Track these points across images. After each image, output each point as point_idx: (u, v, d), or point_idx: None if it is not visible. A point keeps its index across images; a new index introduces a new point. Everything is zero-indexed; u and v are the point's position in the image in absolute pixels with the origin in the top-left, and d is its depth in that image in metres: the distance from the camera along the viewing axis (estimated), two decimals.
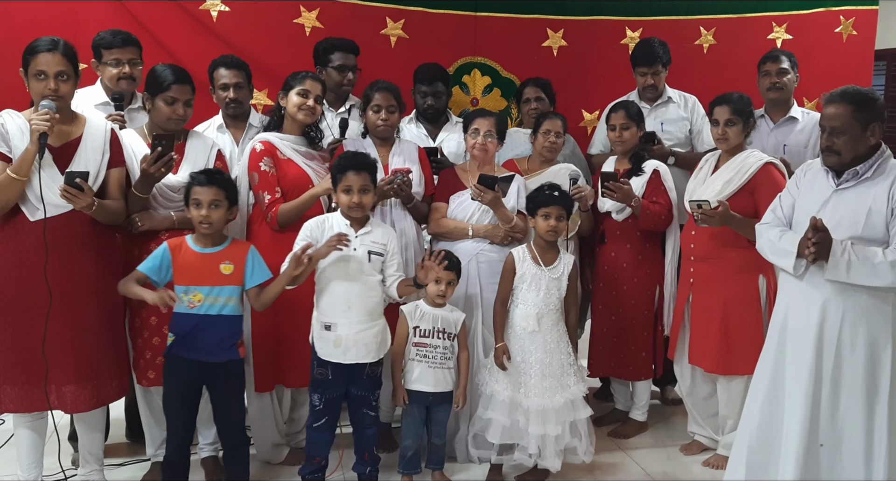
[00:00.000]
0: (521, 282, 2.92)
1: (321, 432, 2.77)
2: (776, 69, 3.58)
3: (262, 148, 2.93)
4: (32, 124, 2.41)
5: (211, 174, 2.60)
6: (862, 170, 2.36)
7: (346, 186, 2.68)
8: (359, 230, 2.73)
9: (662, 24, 4.16)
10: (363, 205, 2.69)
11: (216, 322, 2.56)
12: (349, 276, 2.68)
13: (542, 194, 2.93)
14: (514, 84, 4.08)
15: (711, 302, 3.04)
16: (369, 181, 2.70)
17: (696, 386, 3.24)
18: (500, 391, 2.86)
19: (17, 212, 2.52)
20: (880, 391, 2.31)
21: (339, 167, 2.70)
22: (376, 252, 2.73)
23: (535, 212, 2.92)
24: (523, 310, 2.90)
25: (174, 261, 2.55)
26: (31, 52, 2.48)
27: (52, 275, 2.51)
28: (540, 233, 2.92)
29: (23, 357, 2.54)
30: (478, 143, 3.11)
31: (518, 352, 2.89)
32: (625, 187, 3.15)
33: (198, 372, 2.57)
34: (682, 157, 3.64)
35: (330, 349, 2.69)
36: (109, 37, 2.98)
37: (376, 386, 2.81)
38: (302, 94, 2.95)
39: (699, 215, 2.88)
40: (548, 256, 2.94)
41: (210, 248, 2.59)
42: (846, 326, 2.32)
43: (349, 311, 2.67)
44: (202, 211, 2.53)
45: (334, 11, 3.78)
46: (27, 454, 2.69)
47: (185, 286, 2.55)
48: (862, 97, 2.36)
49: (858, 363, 2.31)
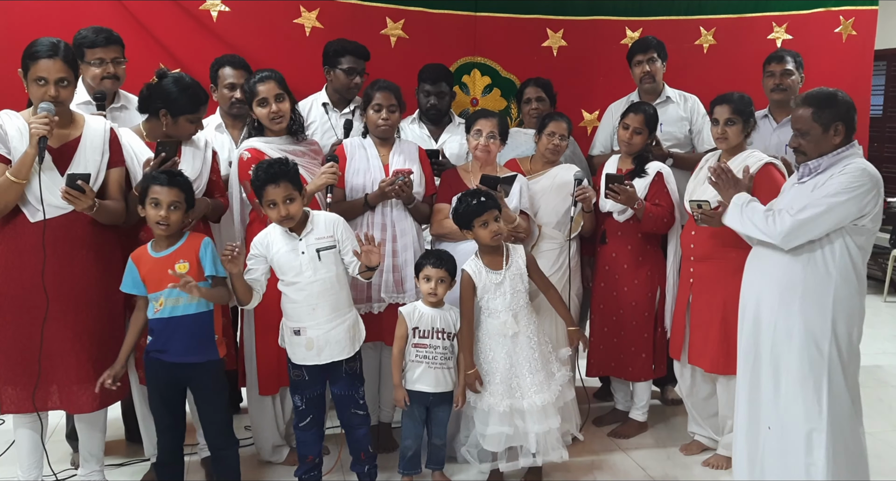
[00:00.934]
0: (484, 293, 2.86)
1: (308, 431, 2.76)
2: (781, 70, 3.57)
3: (249, 156, 2.91)
4: (32, 128, 2.40)
5: (172, 175, 2.54)
6: (813, 164, 2.48)
7: (269, 201, 2.56)
8: (301, 232, 2.65)
9: (662, 24, 4.16)
10: (291, 216, 2.58)
11: (183, 322, 2.52)
12: (305, 280, 2.63)
13: (468, 206, 2.80)
14: (513, 84, 4.08)
15: (711, 302, 3.04)
16: (292, 189, 2.57)
17: (696, 387, 3.24)
18: (497, 403, 2.82)
19: (18, 214, 2.52)
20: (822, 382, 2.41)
21: (257, 182, 2.58)
22: (325, 247, 2.66)
23: (471, 226, 2.81)
24: (498, 317, 2.86)
25: (140, 272, 2.53)
26: (32, 58, 2.46)
27: (53, 276, 2.51)
28: (486, 242, 2.83)
29: (24, 357, 2.54)
30: (480, 145, 3.10)
31: (505, 358, 2.85)
32: (629, 190, 3.15)
33: (176, 374, 2.56)
34: (680, 158, 3.64)
35: (303, 353, 2.67)
36: (92, 35, 2.92)
37: (358, 382, 2.78)
38: (261, 104, 2.91)
39: (699, 215, 2.89)
40: (498, 260, 2.88)
41: (164, 251, 2.53)
42: (781, 315, 2.46)
43: (314, 312, 2.64)
44: (161, 211, 2.47)
45: (334, 11, 3.77)
46: (27, 455, 2.68)
47: (152, 293, 2.53)
48: (822, 98, 2.45)
49: (794, 351, 2.44)
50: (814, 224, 2.39)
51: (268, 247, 2.65)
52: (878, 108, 7.09)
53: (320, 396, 2.78)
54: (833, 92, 2.47)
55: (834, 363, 2.42)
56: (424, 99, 3.58)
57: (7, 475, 2.94)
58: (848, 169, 2.40)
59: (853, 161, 2.43)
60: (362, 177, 3.12)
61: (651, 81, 3.70)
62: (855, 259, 2.44)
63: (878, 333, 5.28)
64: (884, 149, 7.08)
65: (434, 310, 2.88)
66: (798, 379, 2.44)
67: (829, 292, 2.42)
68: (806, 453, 2.44)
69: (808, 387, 2.43)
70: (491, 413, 2.83)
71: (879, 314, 5.91)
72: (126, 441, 3.32)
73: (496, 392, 2.83)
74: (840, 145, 2.44)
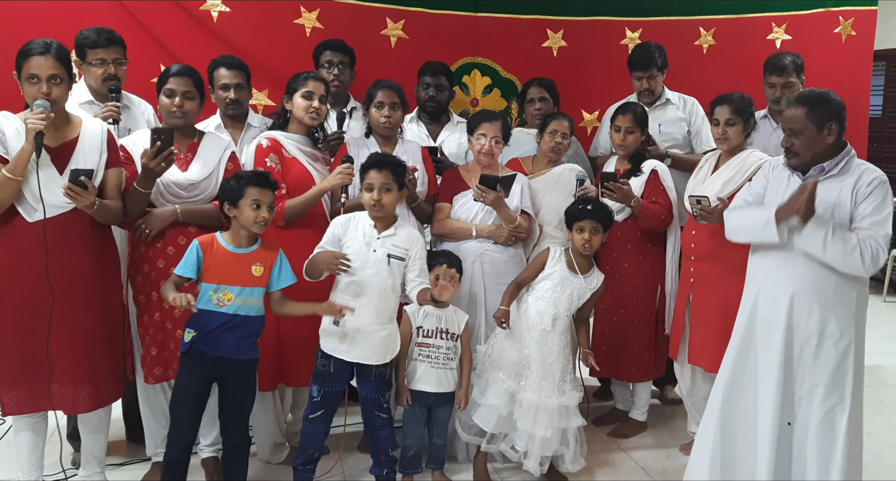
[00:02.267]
0: (546, 280, 2.93)
1: (316, 424, 2.77)
2: (782, 83, 3.52)
3: (269, 144, 2.93)
4: (28, 123, 2.39)
5: (267, 177, 2.61)
6: (828, 166, 2.44)
7: (367, 184, 2.68)
8: (382, 231, 2.72)
9: (662, 24, 4.17)
10: (382, 203, 2.67)
11: (244, 322, 2.56)
12: (365, 275, 2.67)
13: (575, 208, 2.95)
14: (514, 84, 4.09)
15: (712, 301, 3.04)
16: (391, 180, 2.69)
17: (696, 386, 3.24)
18: (502, 379, 2.85)
19: (14, 215, 2.50)
20: (846, 384, 2.40)
21: (364, 165, 2.73)
22: (397, 256, 2.71)
23: (571, 226, 2.95)
24: (542, 306, 2.91)
25: (205, 258, 2.55)
26: (24, 56, 2.46)
27: (52, 275, 2.50)
28: (575, 246, 2.93)
29: (23, 358, 2.53)
30: (485, 148, 3.11)
31: (526, 345, 2.89)
32: (624, 187, 3.15)
33: (216, 368, 2.56)
34: (678, 159, 3.64)
35: (335, 343, 2.69)
36: (94, 36, 2.92)
37: (386, 387, 2.80)
38: (306, 97, 2.95)
39: (698, 211, 2.89)
40: (582, 265, 2.95)
41: (243, 249, 2.58)
42: (813, 319, 2.41)
43: (360, 310, 2.66)
44: (263, 213, 2.53)
45: (334, 12, 3.78)
46: (27, 456, 2.68)
47: (215, 284, 2.54)
48: (815, 98, 2.43)
49: (827, 356, 2.41)
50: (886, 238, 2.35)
51: (346, 230, 2.72)
52: (878, 108, 7.10)
53: (338, 394, 2.78)
54: (825, 91, 2.46)
55: (858, 363, 2.43)
56: (423, 91, 3.58)
57: (7, 476, 2.94)
58: (873, 173, 2.40)
59: (864, 164, 2.44)
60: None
61: (650, 96, 3.72)
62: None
63: (878, 333, 5.29)
64: (883, 149, 7.09)
65: (439, 311, 2.88)
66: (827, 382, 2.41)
67: (853, 293, 2.42)
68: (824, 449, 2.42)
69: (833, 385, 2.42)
70: (491, 384, 2.87)
71: (879, 314, 5.92)
72: (126, 441, 3.31)
73: (505, 368, 2.87)
74: (832, 145, 2.43)
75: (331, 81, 3.48)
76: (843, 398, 2.41)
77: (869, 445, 2.66)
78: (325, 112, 3.04)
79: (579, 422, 2.93)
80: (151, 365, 2.79)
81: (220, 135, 3.04)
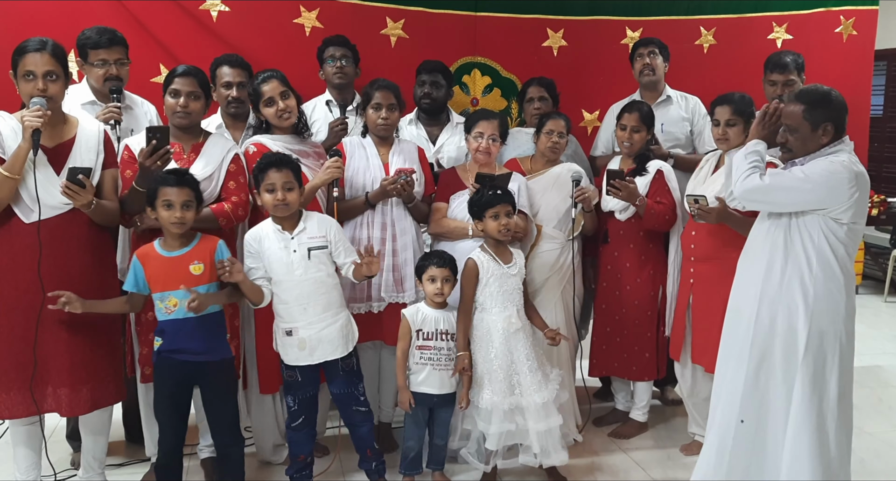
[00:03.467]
0: (487, 286, 2.86)
1: (300, 431, 2.77)
2: (783, 81, 3.49)
3: (255, 150, 2.91)
4: (25, 121, 2.38)
5: (181, 175, 2.54)
6: (799, 162, 2.45)
7: (268, 185, 2.59)
8: (292, 231, 2.66)
9: (662, 24, 4.16)
10: (288, 202, 2.60)
11: (197, 322, 2.52)
12: (295, 279, 2.63)
13: (484, 195, 2.87)
14: (514, 84, 4.08)
15: (712, 302, 3.01)
16: (292, 178, 2.61)
17: (696, 387, 3.24)
18: (500, 402, 2.80)
19: (11, 216, 2.49)
20: (830, 382, 2.38)
21: (260, 167, 2.63)
22: (317, 246, 2.67)
23: (483, 215, 2.85)
24: (502, 311, 2.86)
25: (146, 270, 2.51)
26: (20, 53, 2.46)
27: (48, 277, 2.48)
28: (492, 234, 2.86)
29: (19, 361, 2.51)
30: (482, 147, 3.10)
31: (506, 355, 2.84)
32: (630, 186, 3.14)
33: (189, 372, 2.55)
34: (681, 159, 3.63)
35: (295, 353, 2.68)
36: (95, 36, 2.91)
37: (356, 379, 2.78)
38: (269, 104, 2.92)
39: (696, 210, 2.88)
40: (505, 255, 2.91)
41: (177, 251, 2.53)
42: (795, 315, 2.39)
43: (305, 312, 2.64)
44: (176, 213, 2.47)
45: (334, 11, 3.77)
46: (24, 457, 2.67)
47: (159, 293, 2.51)
48: (816, 97, 2.41)
49: (810, 354, 2.37)
50: (774, 194, 2.39)
51: (260, 243, 2.66)
52: (879, 108, 7.10)
53: (313, 397, 2.78)
54: (827, 91, 2.43)
55: (844, 361, 2.39)
56: (419, 89, 3.57)
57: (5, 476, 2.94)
58: (830, 158, 2.37)
59: (839, 155, 2.39)
60: (362, 176, 3.12)
61: (651, 74, 3.68)
62: (837, 254, 2.37)
63: (878, 333, 5.28)
64: (884, 149, 7.09)
65: (437, 312, 2.87)
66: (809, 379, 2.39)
67: (839, 292, 2.38)
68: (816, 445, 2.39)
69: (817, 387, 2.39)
70: (494, 411, 2.81)
71: (879, 314, 5.91)
72: (126, 441, 3.31)
73: (498, 390, 2.81)
74: (826, 146, 2.41)
75: (334, 74, 3.48)
76: (828, 397, 2.38)
77: (869, 445, 2.66)
78: (295, 105, 2.97)
79: (567, 395, 2.98)
80: (143, 364, 2.79)
81: (226, 137, 3.03)
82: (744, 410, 2.47)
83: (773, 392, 2.44)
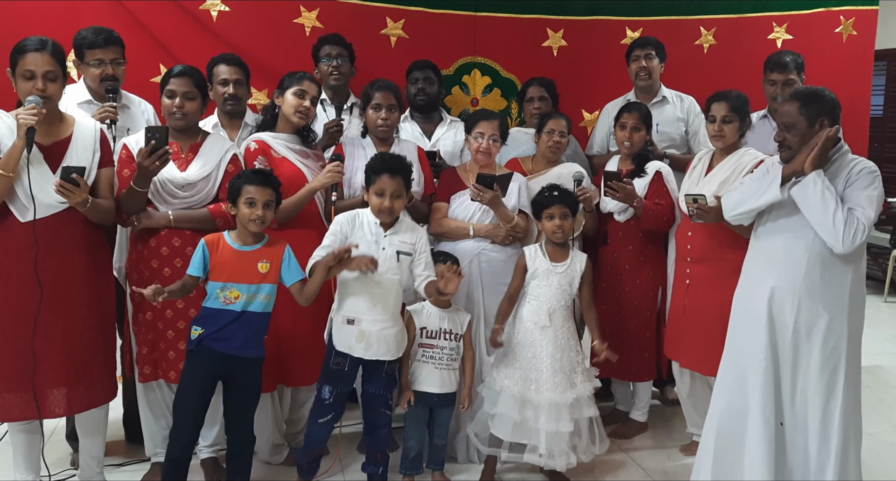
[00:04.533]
0: (532, 279, 2.95)
1: (324, 428, 2.76)
2: (783, 80, 3.51)
3: (256, 147, 2.93)
4: (19, 119, 2.38)
5: (266, 175, 2.61)
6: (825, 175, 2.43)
7: (378, 189, 2.66)
8: (388, 230, 2.72)
9: (662, 24, 4.16)
10: (394, 210, 2.68)
11: (252, 319, 2.57)
12: (375, 275, 2.65)
13: (542, 196, 2.97)
14: (514, 84, 4.08)
15: (708, 304, 3.00)
16: (402, 186, 2.68)
17: (694, 388, 3.23)
18: (509, 386, 2.85)
19: (7, 215, 2.49)
20: (838, 382, 2.41)
21: (374, 168, 2.70)
22: (405, 252, 2.72)
23: (540, 215, 2.96)
24: (535, 305, 2.92)
25: (211, 257, 2.56)
26: (19, 52, 2.45)
27: (43, 276, 2.47)
28: (547, 234, 2.95)
29: (16, 362, 2.49)
30: (482, 147, 3.10)
31: (528, 348, 2.89)
32: (627, 187, 3.14)
33: (222, 365, 2.56)
34: (676, 159, 3.62)
35: (351, 342, 2.68)
36: (92, 36, 2.91)
37: (393, 384, 2.81)
38: (298, 95, 2.94)
39: (694, 210, 2.88)
40: (559, 254, 2.96)
41: (248, 246, 2.59)
42: (802, 315, 2.42)
43: (374, 309, 2.66)
44: (257, 210, 2.53)
45: (334, 11, 3.77)
46: (24, 458, 2.67)
47: (221, 282, 2.55)
48: (809, 94, 2.46)
49: (815, 349, 2.42)
50: (871, 226, 2.37)
51: (353, 227, 2.71)
52: (879, 108, 7.10)
53: (346, 394, 2.78)
54: (820, 89, 2.48)
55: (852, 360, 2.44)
56: (412, 86, 3.57)
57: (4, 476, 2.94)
58: (865, 163, 2.42)
59: (857, 158, 2.45)
60: (361, 175, 3.10)
61: (647, 78, 3.69)
62: (863, 256, 2.47)
63: (878, 333, 5.28)
64: (884, 149, 7.09)
65: (442, 311, 2.88)
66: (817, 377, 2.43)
67: (844, 288, 2.43)
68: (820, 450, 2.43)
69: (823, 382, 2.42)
70: (502, 393, 2.86)
71: (879, 314, 5.91)
72: (126, 441, 3.31)
73: (512, 375, 2.87)
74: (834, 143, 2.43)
75: (330, 73, 3.49)
76: (836, 396, 2.41)
77: (869, 445, 2.66)
78: (314, 115, 3.04)
79: (592, 412, 2.93)
80: (142, 363, 2.79)
81: (224, 137, 3.03)
82: (765, 410, 2.47)
83: (799, 394, 2.46)
